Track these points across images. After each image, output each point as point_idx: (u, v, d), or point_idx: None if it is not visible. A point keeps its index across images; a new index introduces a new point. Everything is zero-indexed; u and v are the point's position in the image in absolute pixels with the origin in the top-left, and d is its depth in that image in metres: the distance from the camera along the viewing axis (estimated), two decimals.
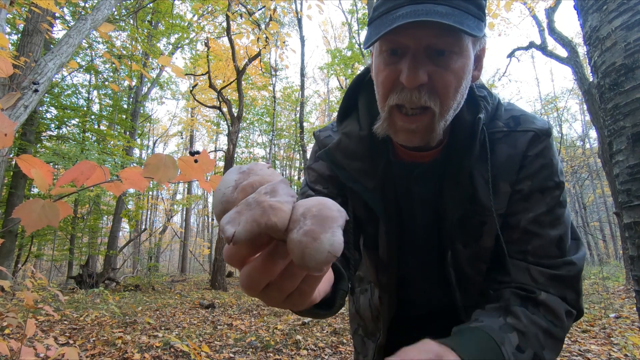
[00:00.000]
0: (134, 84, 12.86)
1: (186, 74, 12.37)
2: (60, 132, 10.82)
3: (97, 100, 13.34)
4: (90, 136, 11.55)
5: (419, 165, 0.75)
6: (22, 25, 5.36)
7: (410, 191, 0.77)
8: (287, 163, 20.54)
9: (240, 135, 14.98)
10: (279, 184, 0.33)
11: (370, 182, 0.76)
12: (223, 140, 23.30)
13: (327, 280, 0.51)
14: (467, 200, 0.70)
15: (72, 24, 9.33)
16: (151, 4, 9.77)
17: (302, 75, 14.45)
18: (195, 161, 0.84)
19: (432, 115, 0.63)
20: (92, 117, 11.65)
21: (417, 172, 0.75)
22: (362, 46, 0.67)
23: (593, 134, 19.68)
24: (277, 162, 19.65)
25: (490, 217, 0.71)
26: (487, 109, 0.73)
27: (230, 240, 0.30)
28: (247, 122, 17.45)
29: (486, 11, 0.65)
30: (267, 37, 7.28)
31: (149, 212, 22.49)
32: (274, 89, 14.62)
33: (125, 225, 15.67)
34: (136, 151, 16.92)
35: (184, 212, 22.71)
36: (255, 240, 0.31)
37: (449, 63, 0.61)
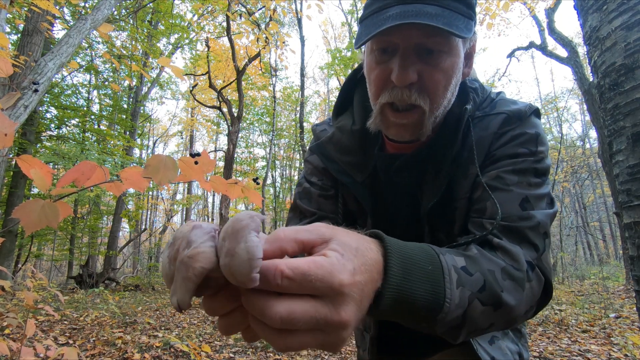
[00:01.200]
0: (134, 84, 12.86)
1: (186, 74, 12.38)
2: (60, 132, 10.81)
3: (97, 100, 13.35)
4: (90, 136, 11.55)
5: (401, 156, 0.75)
6: (22, 25, 5.36)
7: (393, 182, 0.78)
8: (287, 163, 20.53)
9: (240, 135, 14.98)
10: (191, 232, 0.34)
11: (360, 176, 0.78)
12: (223, 140, 23.31)
13: None
14: (444, 188, 0.70)
15: (72, 24, 9.33)
16: (151, 4, 9.77)
17: (302, 75, 14.45)
18: (196, 162, 0.84)
19: (422, 112, 0.64)
20: (92, 117, 11.65)
21: (398, 163, 0.76)
22: (355, 45, 0.69)
23: (593, 134, 19.69)
24: (277, 162, 19.64)
25: (460, 202, 0.71)
26: (475, 101, 0.73)
27: (179, 309, 0.32)
28: (247, 122, 17.45)
29: (476, 9, 0.65)
30: (267, 37, 7.28)
31: (149, 212, 22.49)
32: (274, 89, 14.62)
33: (125, 225, 15.68)
34: (136, 151, 16.94)
35: (184, 212, 22.72)
36: (199, 293, 0.33)
37: (438, 62, 0.62)
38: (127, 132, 12.85)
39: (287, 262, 0.32)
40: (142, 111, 14.55)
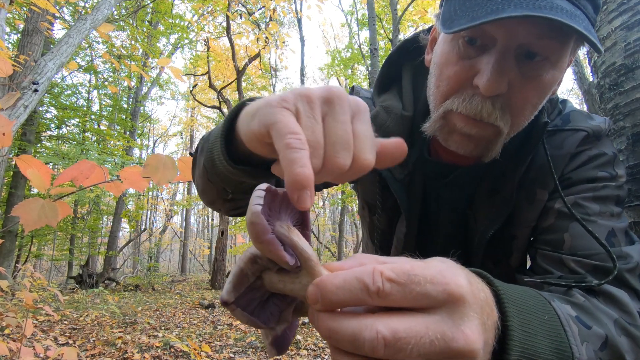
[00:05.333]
0: (133, 84, 12.87)
1: (186, 74, 12.39)
2: (60, 132, 10.82)
3: (97, 100, 13.35)
4: (90, 136, 11.55)
5: (457, 167, 0.63)
6: (22, 25, 5.37)
7: (440, 195, 0.67)
8: None
9: None
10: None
11: (400, 172, 0.66)
12: None
13: None
14: (505, 215, 0.59)
15: (72, 24, 9.33)
16: (151, 4, 9.77)
17: (302, 75, 14.45)
18: None
19: (497, 132, 0.52)
20: (92, 117, 11.66)
21: (452, 176, 0.64)
22: (442, 28, 0.49)
23: None
24: None
25: (521, 231, 0.60)
26: (547, 111, 0.61)
27: (222, 300, 0.31)
28: None
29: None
30: (267, 37, 7.29)
31: (149, 212, 22.49)
32: (274, 89, 14.62)
33: (125, 225, 15.68)
34: (136, 151, 16.93)
35: (184, 212, 22.71)
36: (240, 284, 0.31)
37: (538, 73, 0.49)
38: (127, 132, 12.85)
39: (384, 264, 0.24)
40: (142, 111, 14.56)
